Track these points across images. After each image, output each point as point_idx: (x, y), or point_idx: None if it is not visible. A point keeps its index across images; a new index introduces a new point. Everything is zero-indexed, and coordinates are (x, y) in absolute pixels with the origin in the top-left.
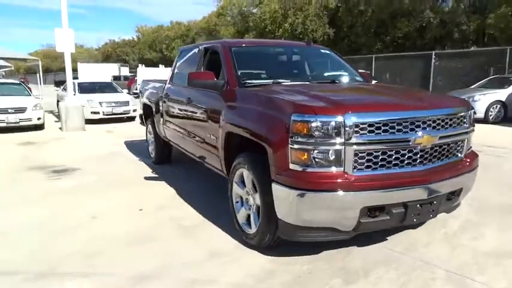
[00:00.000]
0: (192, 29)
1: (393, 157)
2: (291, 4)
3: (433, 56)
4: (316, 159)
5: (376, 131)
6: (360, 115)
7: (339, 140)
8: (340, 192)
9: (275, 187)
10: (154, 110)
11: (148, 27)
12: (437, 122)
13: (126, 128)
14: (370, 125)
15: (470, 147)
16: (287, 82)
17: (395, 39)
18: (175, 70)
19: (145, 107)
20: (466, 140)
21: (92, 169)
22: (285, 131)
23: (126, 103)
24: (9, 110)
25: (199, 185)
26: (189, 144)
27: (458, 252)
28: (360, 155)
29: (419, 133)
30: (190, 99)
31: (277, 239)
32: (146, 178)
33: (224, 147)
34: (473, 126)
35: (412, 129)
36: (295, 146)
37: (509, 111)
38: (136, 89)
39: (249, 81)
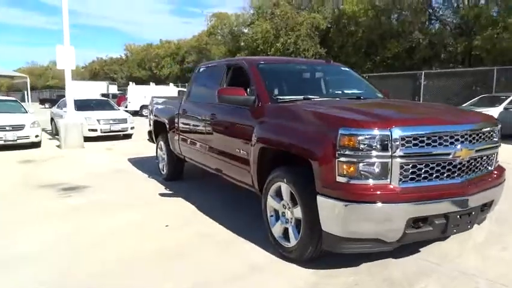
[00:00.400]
0: (182, 48)
1: (435, 169)
2: (282, 25)
3: (423, 76)
4: (364, 172)
5: (420, 144)
6: (405, 129)
7: (385, 153)
8: (388, 204)
9: (321, 199)
10: (168, 126)
11: (137, 45)
12: (473, 135)
13: (125, 145)
14: (415, 138)
15: (498, 161)
16: (316, 98)
17: (384, 59)
18: (193, 87)
19: (157, 123)
20: (495, 153)
21: (102, 187)
22: (331, 144)
23: (124, 120)
24: (7, 128)
25: (218, 200)
26: (212, 160)
27: (491, 262)
28: (405, 167)
29: (458, 146)
30: (215, 115)
31: (319, 252)
32: (162, 195)
33: (257, 162)
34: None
35: (451, 143)
36: (343, 159)
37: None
38: (126, 107)
39: (280, 97)
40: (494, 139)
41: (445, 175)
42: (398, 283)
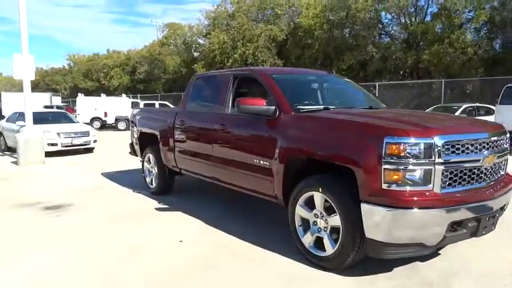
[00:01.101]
0: (133, 58)
1: (467, 175)
2: (239, 36)
3: (377, 87)
4: (408, 179)
5: (456, 151)
6: (445, 137)
7: (429, 160)
8: (432, 209)
9: (366, 207)
10: (160, 138)
11: (82, 55)
12: (495, 143)
13: (89, 159)
14: (452, 146)
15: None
16: (334, 108)
17: (340, 71)
18: (191, 97)
19: (144, 136)
20: (507, 159)
21: (87, 204)
22: (377, 153)
23: (86, 133)
24: None
25: (220, 211)
26: (220, 171)
27: (508, 259)
28: (444, 173)
29: (486, 152)
30: (225, 125)
31: (359, 259)
32: (159, 209)
33: (283, 172)
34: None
35: (480, 150)
36: (388, 167)
37: None
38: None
39: (302, 107)
40: (507, 146)
41: (475, 180)
42: (436, 285)
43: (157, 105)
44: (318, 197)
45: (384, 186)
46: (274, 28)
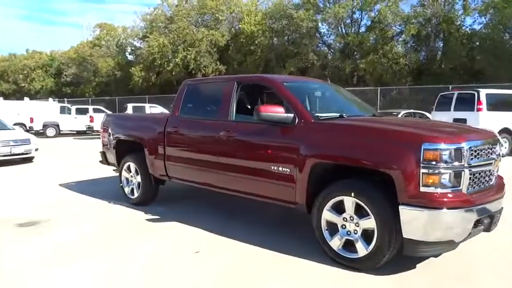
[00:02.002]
0: (57, 59)
1: (483, 177)
2: (180, 40)
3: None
4: (443, 182)
5: (478, 155)
6: (470, 143)
7: (459, 163)
8: (464, 209)
9: (404, 209)
10: (146, 146)
11: None
12: (498, 147)
13: (35, 170)
14: (475, 151)
15: None
16: (346, 116)
17: None
18: (185, 103)
19: (123, 143)
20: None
21: (65, 219)
22: (415, 158)
23: (27, 141)
24: None
25: (217, 218)
26: (225, 179)
27: None
28: (470, 176)
29: (495, 156)
30: (233, 133)
31: (389, 258)
32: (150, 220)
33: (308, 178)
34: None
35: (492, 153)
36: (426, 171)
37: None
38: None
39: (320, 115)
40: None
41: (488, 181)
42: (471, 277)
43: (91, 110)
44: (349, 202)
45: (422, 189)
46: (216, 33)
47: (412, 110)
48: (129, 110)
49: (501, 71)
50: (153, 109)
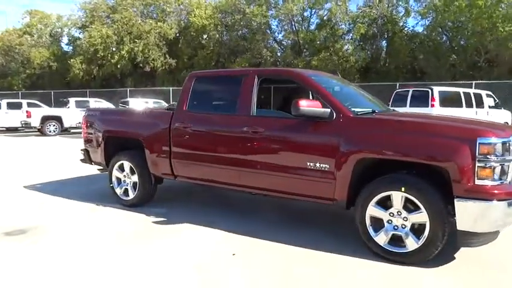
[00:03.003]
0: None
1: None
2: (125, 32)
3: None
4: (496, 174)
5: None
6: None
7: (508, 157)
8: (509, 201)
9: (460, 202)
10: (146, 143)
11: None
12: None
13: None
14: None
15: None
16: (377, 111)
17: None
18: (195, 97)
19: (113, 140)
20: None
21: (57, 225)
22: (470, 152)
23: None
24: None
25: (234, 218)
26: (250, 177)
27: None
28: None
29: None
30: (259, 128)
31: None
32: (157, 223)
33: (351, 174)
34: None
35: None
36: (481, 165)
37: None
38: None
39: (355, 110)
40: None
41: None
42: (509, 268)
43: (25, 105)
44: (398, 196)
45: (477, 182)
46: (164, 26)
47: None
48: (72, 104)
49: (441, 70)
50: (98, 104)
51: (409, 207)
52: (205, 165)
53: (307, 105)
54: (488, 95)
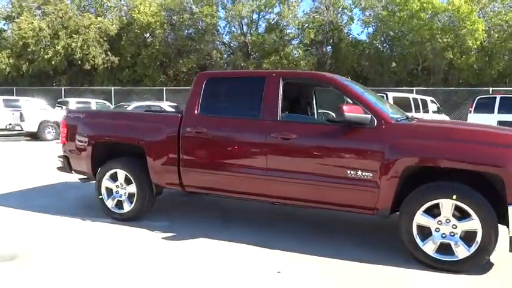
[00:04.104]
0: None
1: None
2: (59, 25)
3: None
4: None
5: None
6: None
7: None
8: None
9: None
10: (149, 149)
11: None
12: None
13: None
14: None
15: None
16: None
17: (178, 73)
18: (207, 100)
19: (104, 146)
20: None
21: (51, 247)
22: None
23: None
24: None
25: (254, 230)
26: (278, 187)
27: None
28: None
29: None
30: (290, 134)
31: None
32: (167, 238)
33: (397, 182)
34: None
35: None
36: None
37: None
38: None
39: (394, 116)
40: None
41: None
42: None
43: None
44: (448, 204)
45: None
46: (105, 21)
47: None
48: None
49: (384, 77)
50: (28, 102)
51: (457, 214)
52: (223, 174)
53: (350, 110)
54: (432, 101)
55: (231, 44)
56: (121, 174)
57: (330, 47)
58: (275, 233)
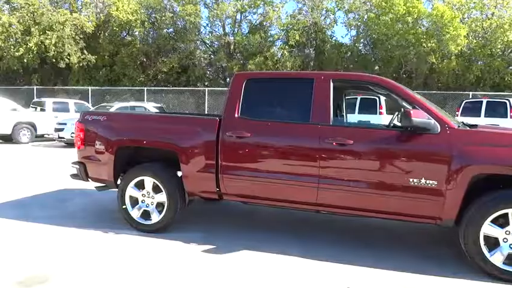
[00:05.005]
0: None
1: None
2: (31, 21)
3: (206, 93)
4: None
5: None
6: None
7: None
8: None
9: None
10: (184, 155)
11: None
12: None
13: None
14: None
15: None
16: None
17: (158, 73)
18: (248, 102)
19: (127, 151)
20: None
21: (81, 268)
22: None
23: None
24: None
25: (299, 241)
26: (331, 196)
27: None
28: None
29: None
30: (346, 140)
31: None
32: (207, 251)
33: (465, 191)
34: None
35: None
36: None
37: None
38: None
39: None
40: None
41: None
42: None
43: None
44: None
45: None
46: (81, 17)
47: None
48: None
49: None
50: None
51: None
52: (268, 182)
53: (418, 115)
54: None
55: (214, 44)
56: (148, 181)
57: (313, 49)
58: (319, 243)
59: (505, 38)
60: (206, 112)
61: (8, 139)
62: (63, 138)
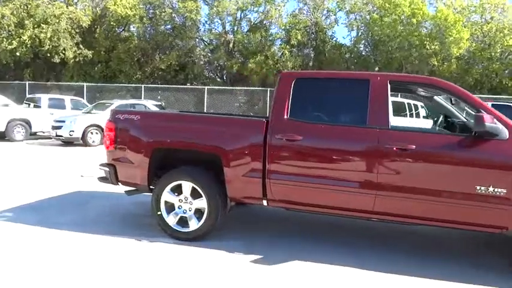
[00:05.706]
0: None
1: None
2: (25, 13)
3: (206, 91)
4: None
5: None
6: None
7: None
8: None
9: None
10: (228, 159)
11: None
12: None
13: None
14: None
15: None
16: None
17: (155, 70)
18: (298, 103)
19: (159, 154)
20: None
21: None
22: None
23: None
24: None
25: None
26: (391, 204)
27: None
28: None
29: None
30: (408, 145)
31: None
32: (255, 261)
33: None
34: None
35: None
36: None
37: None
38: None
39: None
40: None
41: None
42: None
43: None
44: None
45: None
46: (78, 11)
47: None
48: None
49: None
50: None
51: None
52: (321, 188)
53: (491, 121)
54: (421, 106)
55: (213, 42)
56: (187, 186)
57: (312, 49)
58: (374, 253)
59: (504, 43)
60: (205, 111)
61: (1, 136)
62: (61, 136)
